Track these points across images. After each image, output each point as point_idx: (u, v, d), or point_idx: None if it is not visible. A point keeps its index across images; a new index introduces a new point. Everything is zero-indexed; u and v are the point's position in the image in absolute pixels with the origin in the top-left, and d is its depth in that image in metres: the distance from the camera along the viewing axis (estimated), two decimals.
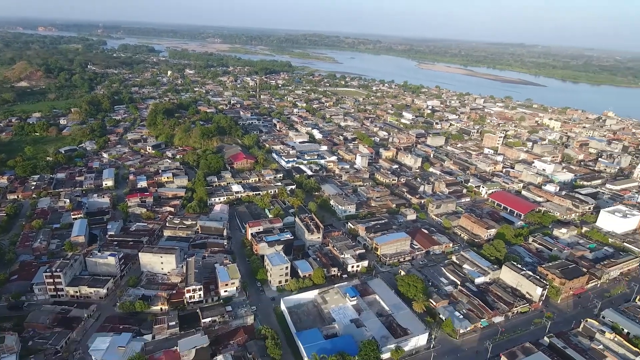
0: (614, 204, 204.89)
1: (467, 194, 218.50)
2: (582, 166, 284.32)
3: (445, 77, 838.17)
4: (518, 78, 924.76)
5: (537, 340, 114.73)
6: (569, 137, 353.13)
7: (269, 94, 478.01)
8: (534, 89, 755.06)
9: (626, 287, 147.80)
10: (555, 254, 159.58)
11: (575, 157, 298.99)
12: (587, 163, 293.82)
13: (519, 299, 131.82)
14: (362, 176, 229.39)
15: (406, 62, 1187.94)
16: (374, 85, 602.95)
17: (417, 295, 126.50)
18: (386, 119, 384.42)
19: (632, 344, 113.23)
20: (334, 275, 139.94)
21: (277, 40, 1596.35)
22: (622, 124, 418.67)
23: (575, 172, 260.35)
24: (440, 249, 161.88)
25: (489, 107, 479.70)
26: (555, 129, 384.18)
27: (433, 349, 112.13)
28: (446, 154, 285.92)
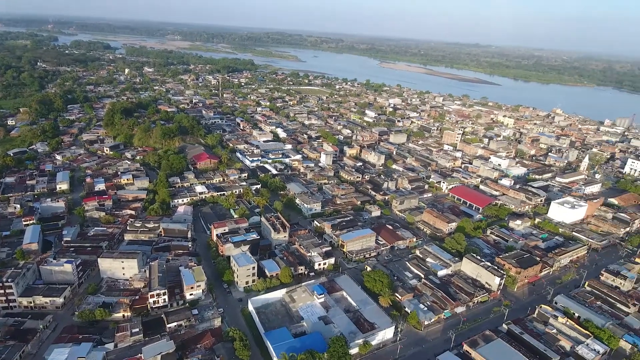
0: (563, 196, 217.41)
1: (429, 190, 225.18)
2: (533, 161, 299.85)
3: (406, 75, 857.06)
4: (474, 77, 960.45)
5: (497, 328, 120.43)
6: (522, 134, 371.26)
7: (232, 93, 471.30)
8: (489, 87, 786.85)
9: (576, 273, 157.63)
10: (511, 245, 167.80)
11: (527, 152, 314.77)
12: (538, 158, 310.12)
13: (479, 289, 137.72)
14: (327, 174, 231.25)
15: (368, 61, 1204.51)
16: (337, 84, 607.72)
17: (383, 290, 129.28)
18: (349, 117, 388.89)
19: (582, 327, 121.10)
20: (301, 274, 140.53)
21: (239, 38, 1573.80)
22: (569, 121, 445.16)
23: (527, 167, 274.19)
24: (405, 244, 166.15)
25: (448, 105, 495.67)
26: (509, 125, 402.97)
27: (399, 342, 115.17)
28: (408, 151, 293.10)
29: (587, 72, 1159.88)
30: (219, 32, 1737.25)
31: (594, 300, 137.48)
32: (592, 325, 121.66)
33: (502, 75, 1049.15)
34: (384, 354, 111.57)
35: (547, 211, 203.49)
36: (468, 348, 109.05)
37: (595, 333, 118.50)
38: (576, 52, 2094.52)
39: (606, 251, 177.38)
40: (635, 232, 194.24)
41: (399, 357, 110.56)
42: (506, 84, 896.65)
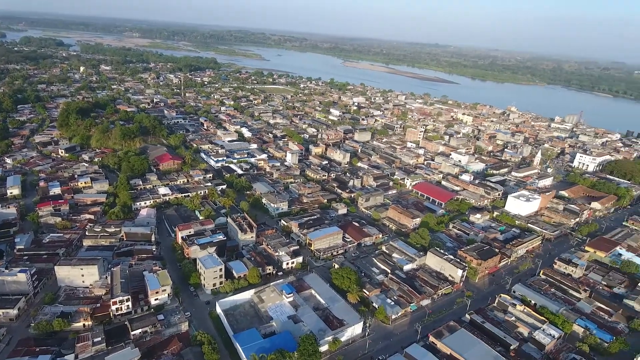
0: (518, 190, 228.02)
1: (393, 186, 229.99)
2: (491, 156, 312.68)
3: (369, 74, 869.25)
4: (435, 76, 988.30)
5: (460, 318, 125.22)
6: (480, 131, 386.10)
7: (195, 92, 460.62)
8: (449, 86, 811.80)
9: (531, 263, 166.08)
10: (472, 238, 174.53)
11: (485, 148, 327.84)
12: (495, 153, 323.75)
13: (443, 281, 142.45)
14: (293, 173, 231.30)
15: (332, 60, 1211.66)
16: (301, 83, 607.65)
17: (351, 287, 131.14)
18: (314, 115, 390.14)
19: (538, 313, 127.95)
20: (269, 274, 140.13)
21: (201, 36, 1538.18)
22: (523, 118, 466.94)
23: (486, 162, 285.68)
24: (371, 240, 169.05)
25: (410, 103, 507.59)
26: (468, 123, 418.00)
27: (368, 337, 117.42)
28: (373, 148, 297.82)
29: (538, 71, 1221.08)
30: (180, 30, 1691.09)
31: (548, 287, 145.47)
32: (547, 311, 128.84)
33: (461, 74, 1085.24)
34: (354, 350, 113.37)
35: (504, 205, 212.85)
36: (434, 339, 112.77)
37: (551, 319, 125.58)
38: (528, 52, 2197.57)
39: (558, 241, 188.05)
40: (584, 222, 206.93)
41: (368, 352, 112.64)
42: (464, 82, 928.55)
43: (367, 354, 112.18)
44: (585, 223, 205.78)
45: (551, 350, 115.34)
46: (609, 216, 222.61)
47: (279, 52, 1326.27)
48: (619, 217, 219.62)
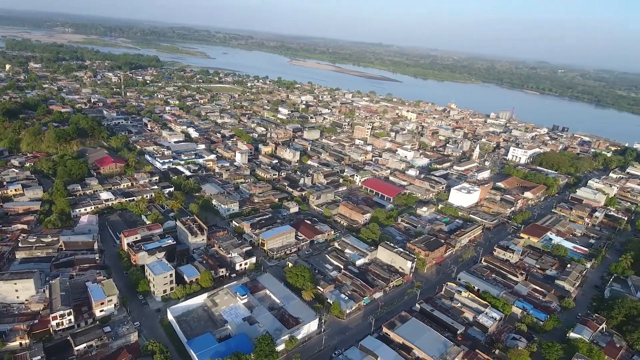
0: (460, 183, 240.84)
1: (343, 183, 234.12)
2: (434, 152, 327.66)
3: (316, 73, 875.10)
4: (379, 75, 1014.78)
5: (411, 308, 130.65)
6: (423, 127, 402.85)
7: (137, 91, 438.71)
8: (393, 84, 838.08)
9: (474, 251, 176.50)
10: (420, 230, 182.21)
11: (429, 144, 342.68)
12: (438, 149, 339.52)
13: (394, 273, 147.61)
14: (243, 173, 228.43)
15: (279, 59, 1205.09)
16: (248, 81, 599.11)
17: (305, 284, 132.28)
18: (263, 114, 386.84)
19: (481, 298, 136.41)
20: (222, 276, 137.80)
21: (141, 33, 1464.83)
22: (462, 114, 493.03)
23: (430, 157, 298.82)
24: (324, 237, 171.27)
25: (357, 101, 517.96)
26: (412, 120, 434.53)
27: (324, 333, 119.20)
28: (322, 146, 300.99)
29: (474, 70, 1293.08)
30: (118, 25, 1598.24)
31: (489, 273, 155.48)
32: (489, 296, 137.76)
33: (404, 73, 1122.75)
34: (310, 347, 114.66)
35: (447, 197, 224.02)
36: (387, 330, 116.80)
37: (492, 302, 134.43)
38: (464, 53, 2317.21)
39: (497, 229, 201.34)
40: (519, 211, 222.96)
41: (324, 348, 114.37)
42: (407, 81, 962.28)
43: (324, 349, 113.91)
44: (519, 211, 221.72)
45: (494, 331, 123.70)
46: (540, 204, 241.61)
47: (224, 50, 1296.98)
48: (548, 205, 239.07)
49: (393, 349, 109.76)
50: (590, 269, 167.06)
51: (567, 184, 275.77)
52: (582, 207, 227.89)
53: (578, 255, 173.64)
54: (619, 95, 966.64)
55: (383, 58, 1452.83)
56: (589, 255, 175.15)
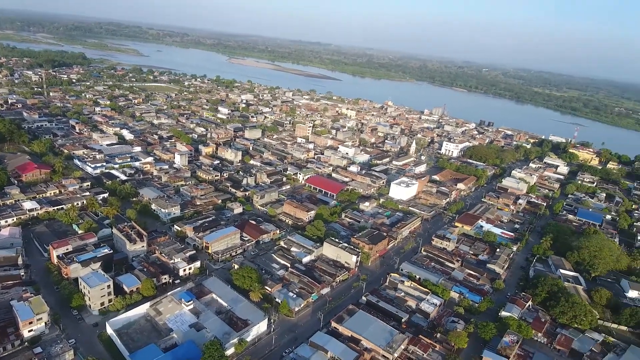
0: (399, 177, 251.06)
1: (287, 182, 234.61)
2: (374, 148, 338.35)
3: (255, 71, 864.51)
4: (319, 73, 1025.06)
5: (358, 301, 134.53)
6: (363, 124, 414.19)
7: (61, 91, 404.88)
8: (333, 82, 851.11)
9: (414, 242, 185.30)
10: (363, 225, 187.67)
11: (368, 140, 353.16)
12: (377, 145, 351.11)
13: (340, 269, 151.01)
14: (184, 175, 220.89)
15: (216, 57, 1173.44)
16: (185, 80, 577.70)
17: (252, 285, 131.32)
18: (202, 114, 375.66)
19: (422, 286, 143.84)
20: (165, 283, 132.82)
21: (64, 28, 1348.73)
22: (398, 111, 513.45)
23: (370, 153, 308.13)
24: (269, 237, 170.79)
25: (297, 99, 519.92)
26: (352, 117, 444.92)
27: (273, 332, 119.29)
28: (264, 145, 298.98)
29: (408, 69, 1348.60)
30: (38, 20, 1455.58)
31: (429, 262, 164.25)
32: (429, 283, 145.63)
33: (342, 71, 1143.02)
34: (261, 347, 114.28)
35: (388, 191, 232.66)
36: (335, 324, 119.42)
37: (432, 289, 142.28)
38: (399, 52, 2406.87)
39: (434, 220, 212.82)
40: (453, 202, 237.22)
41: (274, 348, 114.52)
42: (346, 79, 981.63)
43: (274, 349, 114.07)
44: (453, 202, 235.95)
45: (435, 317, 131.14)
46: (471, 194, 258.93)
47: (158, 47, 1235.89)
48: (478, 195, 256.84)
49: (342, 342, 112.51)
50: (516, 252, 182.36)
51: (494, 175, 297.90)
52: (508, 195, 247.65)
53: (506, 240, 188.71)
54: (535, 92, 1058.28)
55: (322, 57, 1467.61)
56: (515, 240, 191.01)
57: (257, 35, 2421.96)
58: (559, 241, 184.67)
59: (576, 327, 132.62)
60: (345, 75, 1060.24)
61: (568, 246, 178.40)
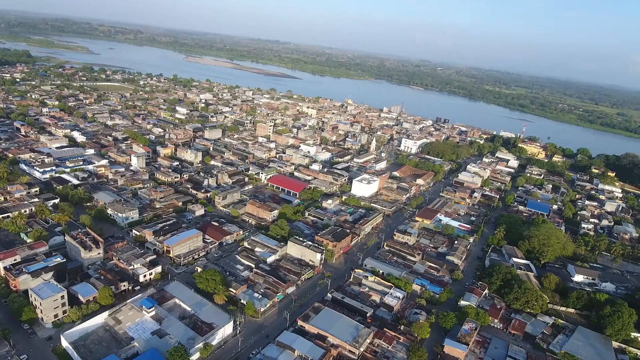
0: (360, 174, 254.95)
1: (249, 182, 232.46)
2: (335, 146, 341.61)
3: (214, 70, 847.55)
4: (278, 72, 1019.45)
5: (323, 298, 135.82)
6: (324, 122, 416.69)
7: (4, 91, 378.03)
8: (292, 81, 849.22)
9: (377, 237, 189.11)
10: (326, 223, 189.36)
11: (330, 138, 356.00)
12: (338, 143, 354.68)
13: (305, 267, 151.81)
14: (141, 178, 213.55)
15: (173, 55, 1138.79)
16: (141, 79, 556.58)
17: (217, 288, 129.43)
18: (159, 114, 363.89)
19: (386, 280, 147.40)
20: (125, 291, 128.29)
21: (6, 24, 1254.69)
22: (358, 109, 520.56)
23: (331, 151, 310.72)
24: (233, 238, 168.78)
25: (258, 98, 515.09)
26: (313, 116, 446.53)
27: (240, 335, 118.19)
28: (225, 145, 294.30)
29: (367, 68, 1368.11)
30: None
31: (391, 257, 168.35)
32: (392, 277, 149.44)
33: (302, 70, 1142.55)
34: (227, 350, 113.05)
35: (350, 189, 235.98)
36: (302, 322, 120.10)
37: (396, 283, 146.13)
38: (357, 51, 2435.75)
39: (395, 215, 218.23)
40: (413, 197, 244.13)
41: (241, 350, 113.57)
42: (306, 78, 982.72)
43: (241, 351, 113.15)
44: (413, 197, 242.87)
45: (398, 309, 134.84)
46: (430, 189, 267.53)
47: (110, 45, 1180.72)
48: (436, 190, 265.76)
49: (309, 340, 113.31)
50: (473, 243, 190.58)
51: (450, 170, 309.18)
52: (464, 189, 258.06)
53: (463, 232, 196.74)
54: (486, 89, 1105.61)
55: (281, 55, 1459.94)
56: (471, 231, 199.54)
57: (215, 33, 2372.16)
58: (512, 231, 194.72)
59: (529, 311, 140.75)
60: (305, 74, 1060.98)
61: (519, 236, 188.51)
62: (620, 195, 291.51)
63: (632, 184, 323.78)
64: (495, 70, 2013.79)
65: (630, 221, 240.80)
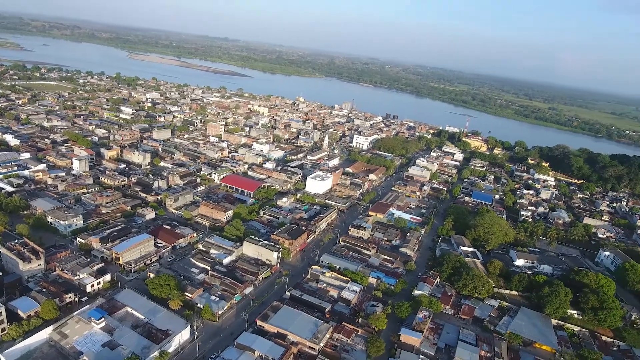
0: (314, 171, 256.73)
1: (201, 183, 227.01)
2: (288, 144, 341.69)
3: (160, 68, 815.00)
4: (228, 70, 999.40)
5: (281, 297, 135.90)
6: (276, 120, 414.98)
7: None
8: (243, 79, 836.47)
9: (332, 233, 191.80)
10: (282, 221, 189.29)
11: (282, 136, 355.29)
12: (291, 141, 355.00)
13: (262, 266, 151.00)
14: (85, 182, 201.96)
15: (115, 52, 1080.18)
16: (80, 78, 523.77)
17: (171, 293, 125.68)
18: (102, 115, 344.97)
19: (343, 275, 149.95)
20: (71, 303, 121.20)
21: None
22: (310, 107, 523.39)
23: (284, 150, 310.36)
24: (186, 241, 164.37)
25: (208, 97, 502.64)
26: (264, 114, 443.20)
27: (197, 339, 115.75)
28: (175, 146, 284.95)
29: (317, 65, 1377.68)
30: None
31: (347, 252, 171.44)
32: (349, 272, 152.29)
33: (252, 68, 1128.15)
34: (185, 357, 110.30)
35: (304, 186, 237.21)
36: (261, 322, 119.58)
37: (352, 277, 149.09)
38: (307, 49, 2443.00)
39: (350, 211, 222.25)
40: (366, 192, 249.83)
41: (199, 355, 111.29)
42: (257, 76, 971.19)
43: (199, 356, 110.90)
44: (367, 192, 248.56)
45: (356, 303, 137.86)
46: (382, 184, 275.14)
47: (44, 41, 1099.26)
48: (388, 184, 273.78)
49: (269, 339, 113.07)
50: (424, 235, 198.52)
51: (401, 164, 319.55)
52: (414, 183, 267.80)
53: (414, 224, 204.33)
54: (432, 86, 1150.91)
55: (231, 53, 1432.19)
56: (422, 223, 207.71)
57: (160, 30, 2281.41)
58: (459, 221, 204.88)
59: (477, 296, 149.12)
60: (256, 72, 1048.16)
61: (466, 225, 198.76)
62: (553, 183, 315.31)
63: (564, 173, 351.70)
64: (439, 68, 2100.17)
65: (562, 207, 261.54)
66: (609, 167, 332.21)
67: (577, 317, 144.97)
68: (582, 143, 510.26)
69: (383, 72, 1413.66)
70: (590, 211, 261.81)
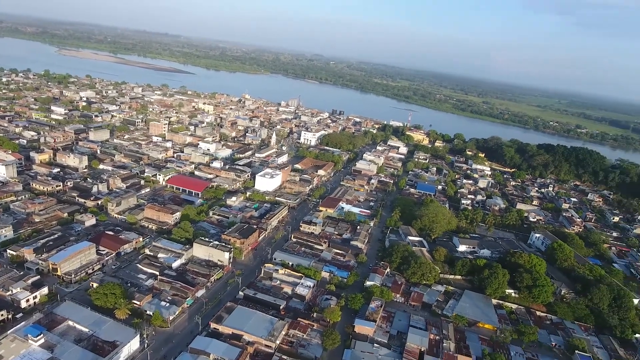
0: (263, 169, 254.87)
1: (145, 185, 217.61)
2: (235, 142, 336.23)
3: (95, 65, 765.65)
4: (170, 66, 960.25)
5: (235, 297, 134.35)
6: (222, 118, 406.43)
7: None
8: (186, 76, 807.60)
9: (284, 230, 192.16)
10: (232, 220, 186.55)
11: (229, 134, 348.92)
12: (238, 138, 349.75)
13: (213, 268, 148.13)
14: (13, 189, 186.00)
15: (42, 48, 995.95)
16: (3, 76, 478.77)
17: (117, 302, 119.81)
18: (31, 116, 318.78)
19: (296, 271, 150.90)
20: (3, 321, 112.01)
21: None
22: (256, 104, 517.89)
23: (232, 148, 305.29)
24: (132, 247, 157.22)
25: (149, 95, 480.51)
26: (210, 112, 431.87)
27: (148, 348, 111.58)
28: (115, 147, 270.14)
29: (262, 62, 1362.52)
30: None
31: (299, 248, 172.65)
32: (302, 267, 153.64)
33: (195, 64, 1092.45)
34: None
35: (254, 184, 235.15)
36: (215, 325, 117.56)
37: (305, 273, 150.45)
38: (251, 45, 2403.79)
39: (300, 207, 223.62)
40: (316, 187, 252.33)
41: None
42: (200, 72, 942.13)
43: None
44: (316, 188, 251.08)
45: (310, 298, 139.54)
46: (331, 179, 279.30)
47: None
48: (337, 179, 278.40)
49: (224, 341, 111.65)
50: (373, 227, 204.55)
51: (348, 159, 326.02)
52: (362, 177, 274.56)
53: (364, 217, 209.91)
54: (375, 82, 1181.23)
55: (172, 49, 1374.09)
56: (371, 216, 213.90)
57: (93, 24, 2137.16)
58: (406, 212, 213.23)
59: (424, 283, 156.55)
60: (199, 69, 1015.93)
61: (413, 216, 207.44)
62: (489, 173, 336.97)
63: (498, 162, 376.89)
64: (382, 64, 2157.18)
65: (498, 194, 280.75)
66: (536, 156, 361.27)
67: (514, 295, 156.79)
68: (513, 134, 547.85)
69: (328, 69, 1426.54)
70: (522, 197, 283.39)
